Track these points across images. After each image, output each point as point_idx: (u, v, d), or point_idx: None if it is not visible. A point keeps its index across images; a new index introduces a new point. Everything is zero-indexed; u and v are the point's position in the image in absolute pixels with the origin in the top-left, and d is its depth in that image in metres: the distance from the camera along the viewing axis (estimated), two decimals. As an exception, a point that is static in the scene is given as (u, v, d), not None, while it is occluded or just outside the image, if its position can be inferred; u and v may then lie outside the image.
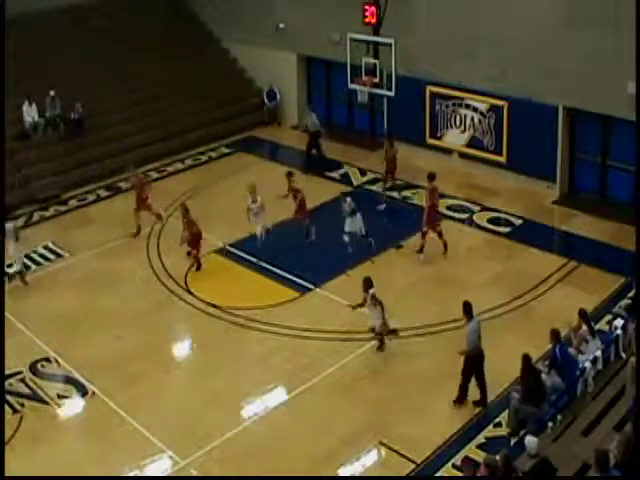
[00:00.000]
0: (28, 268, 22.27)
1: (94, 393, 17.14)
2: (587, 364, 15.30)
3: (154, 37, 33.20)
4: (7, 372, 17.67)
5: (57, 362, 18.22)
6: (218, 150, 30.02)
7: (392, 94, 25.47)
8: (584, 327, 15.92)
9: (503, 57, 24.60)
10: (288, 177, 23.03)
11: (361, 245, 21.54)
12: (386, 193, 25.32)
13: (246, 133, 31.26)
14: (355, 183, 26.60)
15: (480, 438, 15.22)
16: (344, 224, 21.79)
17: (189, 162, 29.22)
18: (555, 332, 15.33)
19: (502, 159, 25.88)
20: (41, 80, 28.84)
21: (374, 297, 17.47)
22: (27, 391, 17.37)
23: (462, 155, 27.08)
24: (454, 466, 14.63)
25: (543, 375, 15.25)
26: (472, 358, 15.81)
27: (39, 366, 18.15)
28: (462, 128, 26.90)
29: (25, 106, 28.25)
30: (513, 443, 14.71)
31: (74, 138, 28.52)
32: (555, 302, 19.15)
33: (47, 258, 22.95)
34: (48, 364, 18.24)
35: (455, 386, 16.15)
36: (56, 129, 28.80)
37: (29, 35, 29.74)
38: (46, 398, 17.16)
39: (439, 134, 27.55)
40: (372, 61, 25.78)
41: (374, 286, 17.57)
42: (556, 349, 15.23)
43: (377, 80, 25.71)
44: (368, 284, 17.66)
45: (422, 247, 21.37)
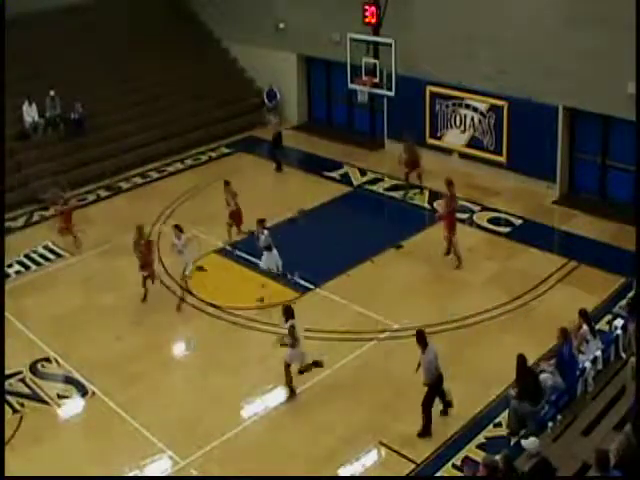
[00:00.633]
0: (28, 268, 22.31)
1: (94, 393, 17.14)
2: (587, 364, 15.31)
3: (154, 37, 33.22)
4: (7, 372, 17.61)
5: (57, 362, 18.23)
6: (218, 150, 30.05)
7: (392, 94, 25.44)
8: (585, 327, 15.92)
9: (503, 57, 24.61)
10: (225, 187, 22.87)
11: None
12: (409, 194, 25.34)
13: (246, 133, 31.27)
14: (355, 183, 26.60)
15: (480, 438, 15.21)
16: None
17: (189, 162, 29.24)
18: (564, 331, 15.33)
19: (502, 159, 25.88)
20: (41, 80, 28.87)
21: (293, 329, 16.32)
22: (27, 391, 17.37)
23: (462, 155, 27.07)
24: (454, 466, 14.61)
25: (544, 375, 15.25)
26: (434, 387, 15.32)
27: (39, 366, 18.16)
28: (462, 128, 26.89)
29: (25, 106, 28.26)
30: (513, 443, 14.68)
31: (74, 138, 28.53)
32: (555, 302, 19.15)
33: (47, 258, 22.96)
34: (48, 364, 18.25)
35: (455, 387, 16.16)
36: (56, 129, 28.82)
37: (29, 35, 29.73)
38: (46, 398, 17.17)
39: (439, 134, 27.54)
40: (372, 61, 25.75)
41: (294, 317, 16.46)
42: (564, 348, 15.20)
43: (377, 80, 25.68)
44: (288, 314, 16.48)
45: (449, 249, 21.23)
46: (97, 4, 32.66)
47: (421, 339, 15.26)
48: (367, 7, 26.21)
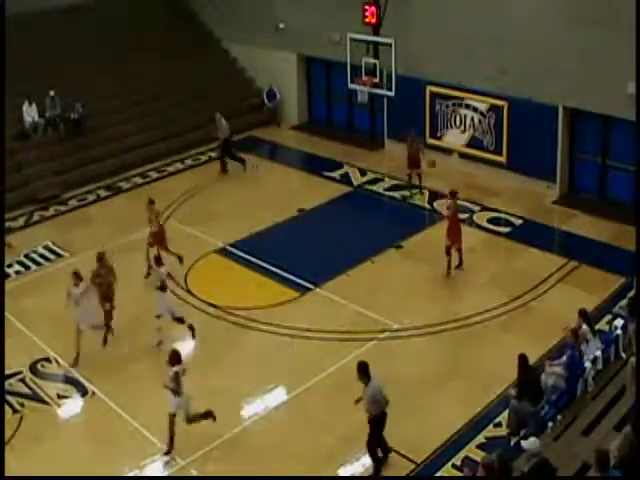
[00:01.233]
0: (28, 268, 22.31)
1: (94, 393, 17.13)
2: (587, 364, 15.30)
3: (154, 37, 33.26)
4: (7, 372, 17.62)
5: (57, 362, 18.20)
6: (218, 150, 29.94)
7: (392, 94, 25.44)
8: (584, 327, 15.91)
9: (503, 57, 24.61)
10: (149, 205, 21.77)
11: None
12: (413, 192, 25.31)
13: (246, 133, 31.25)
14: (355, 183, 26.60)
15: (480, 438, 15.20)
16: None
17: (189, 162, 29.24)
18: (575, 331, 15.34)
19: (502, 159, 25.88)
20: (41, 80, 28.82)
21: (177, 376, 15.17)
22: (27, 391, 17.34)
23: (462, 155, 27.08)
24: (454, 466, 14.60)
25: (544, 376, 15.25)
26: (377, 421, 14.47)
27: (39, 366, 18.13)
28: (462, 128, 26.90)
29: (25, 106, 28.27)
30: (513, 443, 14.67)
31: (74, 138, 28.54)
32: (555, 302, 19.15)
33: (47, 258, 22.95)
34: (48, 364, 18.23)
35: (455, 386, 16.18)
36: (56, 129, 28.82)
37: (29, 35, 29.74)
38: (46, 398, 17.14)
39: (439, 134, 27.54)
40: (372, 61, 25.75)
41: (181, 362, 15.42)
42: (575, 350, 15.18)
43: (377, 80, 25.68)
44: (174, 359, 15.34)
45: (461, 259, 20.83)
46: (97, 4, 32.70)
47: (364, 372, 14.19)
48: (367, 7, 26.22)
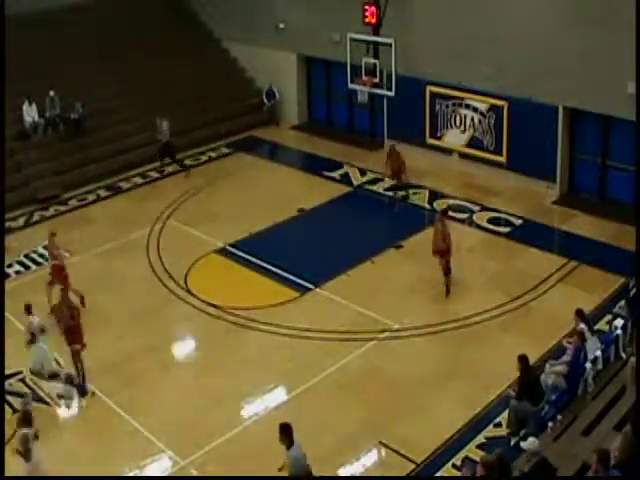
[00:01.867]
0: (28, 268, 22.32)
1: (94, 393, 17.11)
2: (587, 364, 15.30)
3: (154, 37, 33.21)
4: (7, 372, 17.62)
5: (57, 362, 18.13)
6: (218, 150, 30.07)
7: (392, 94, 25.45)
8: (582, 326, 15.90)
9: (503, 57, 24.60)
10: (50, 237, 20.74)
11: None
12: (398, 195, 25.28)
13: (246, 133, 31.29)
14: (355, 183, 26.58)
15: (480, 438, 15.18)
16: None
17: (189, 162, 29.19)
18: (581, 333, 15.34)
19: (502, 159, 25.87)
20: (41, 80, 28.80)
21: (26, 439, 14.15)
22: (27, 391, 17.24)
23: (462, 155, 27.06)
24: (454, 466, 14.58)
25: (544, 375, 15.25)
26: None
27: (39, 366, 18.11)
28: (462, 128, 26.89)
29: (25, 106, 28.26)
30: (513, 443, 14.69)
31: (74, 138, 28.52)
32: (555, 302, 19.15)
33: (47, 258, 22.84)
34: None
35: (455, 386, 16.18)
36: (56, 129, 28.81)
37: (29, 34, 29.74)
38: (46, 398, 17.13)
39: (439, 134, 27.54)
40: (372, 61, 25.76)
41: (32, 425, 14.58)
42: (580, 351, 15.18)
43: (377, 80, 25.68)
44: (22, 422, 14.55)
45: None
46: (97, 4, 32.68)
47: (287, 434, 12.95)
48: (367, 7, 26.23)
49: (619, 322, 16.79)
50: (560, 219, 23.58)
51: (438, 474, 14.48)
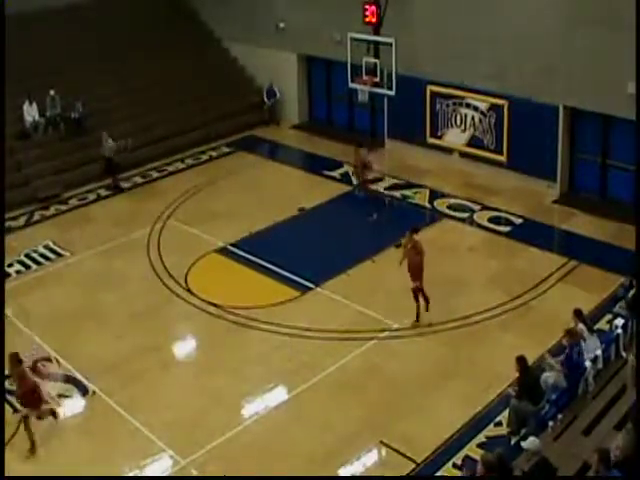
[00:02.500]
0: (28, 268, 22.35)
1: (94, 392, 17.11)
2: (587, 363, 15.29)
3: (154, 36, 33.19)
4: (8, 372, 17.73)
5: (57, 361, 18.15)
6: (219, 149, 30.08)
7: (392, 93, 25.41)
8: (580, 326, 15.90)
9: (503, 57, 24.61)
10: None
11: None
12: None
13: (246, 132, 31.32)
14: (355, 182, 26.57)
15: (481, 437, 15.18)
16: None
17: (190, 161, 29.25)
18: (572, 332, 15.33)
19: (502, 158, 25.88)
20: (41, 79, 28.85)
21: None
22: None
23: (462, 154, 27.08)
24: (454, 465, 14.58)
25: (545, 374, 15.25)
26: None
27: (40, 365, 18.05)
28: (462, 127, 26.91)
29: (25, 105, 28.30)
30: (513, 442, 14.68)
31: (74, 137, 28.53)
32: (555, 301, 19.14)
33: (47, 257, 22.95)
34: (49, 363, 18.08)
35: (456, 385, 16.18)
36: (56, 128, 28.82)
37: (29, 34, 29.77)
38: (46, 398, 16.93)
39: (440, 133, 27.55)
40: (372, 60, 25.72)
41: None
42: (573, 349, 15.17)
43: (378, 79, 25.67)
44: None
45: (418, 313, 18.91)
46: (97, 3, 32.65)
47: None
48: (367, 7, 26.15)
49: (619, 321, 16.81)
50: (560, 218, 23.58)
51: (438, 473, 14.48)
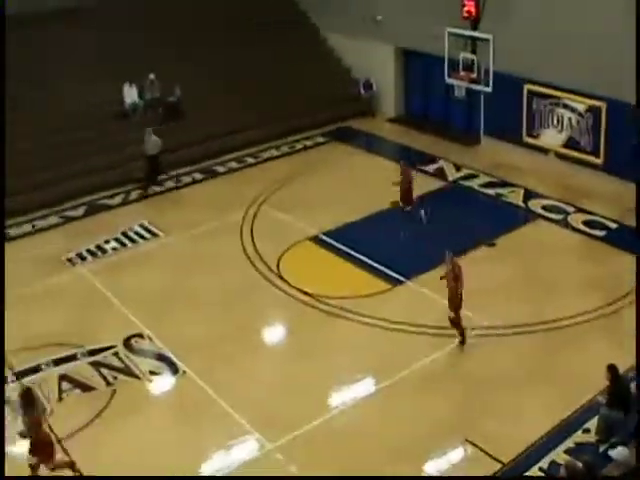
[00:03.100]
0: (124, 245, 22.83)
1: (185, 372, 17.41)
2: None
3: (252, 24, 33.30)
4: (102, 345, 18.27)
5: (150, 339, 18.56)
6: (313, 139, 30.27)
7: (489, 90, 25.29)
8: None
9: (604, 57, 24.02)
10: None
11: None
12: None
13: (341, 123, 31.44)
14: (450, 178, 26.49)
15: (569, 443, 14.95)
16: None
17: (284, 149, 29.51)
18: None
19: (599, 161, 25.44)
20: (141, 64, 29.43)
21: None
22: (120, 365, 17.76)
23: (558, 155, 26.72)
24: (541, 469, 14.41)
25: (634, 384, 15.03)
26: None
27: (133, 342, 18.51)
28: (559, 128, 26.55)
29: (126, 87, 28.89)
30: (602, 451, 14.48)
31: (171, 121, 28.96)
32: (650, 310, 18.79)
33: (142, 236, 23.45)
34: (141, 340, 18.59)
35: (545, 390, 16.02)
36: (154, 111, 29.32)
37: (140, 19, 30.68)
38: (138, 373, 17.51)
39: (536, 133, 27.23)
40: (470, 56, 25.65)
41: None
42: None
43: (475, 76, 25.54)
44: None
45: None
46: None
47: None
48: (466, 2, 26.13)
49: None
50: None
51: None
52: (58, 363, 17.87)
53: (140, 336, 18.70)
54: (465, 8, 26.23)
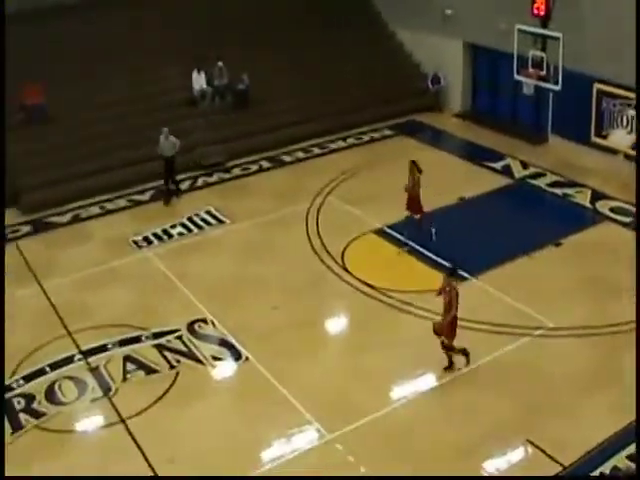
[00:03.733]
0: (190, 231, 23.12)
1: (247, 358, 17.54)
2: None
3: (319, 16, 33.46)
4: (167, 329, 18.55)
5: (213, 324, 18.75)
6: (380, 131, 30.25)
7: (558, 88, 24.99)
8: None
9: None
10: None
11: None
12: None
13: (408, 117, 31.33)
14: (517, 176, 26.27)
15: (631, 449, 14.69)
16: None
17: (351, 141, 29.53)
18: None
19: (669, 164, 25.06)
20: (210, 51, 29.74)
21: None
22: (184, 349, 17.99)
23: (627, 156, 26.33)
24: (601, 474, 14.25)
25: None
26: None
27: (196, 326, 18.72)
28: (628, 129, 26.17)
29: (194, 74, 29.17)
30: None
31: (240, 108, 29.19)
32: None
33: (208, 223, 23.70)
34: (205, 325, 18.79)
35: (610, 394, 15.84)
36: (223, 99, 29.58)
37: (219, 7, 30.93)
38: (201, 358, 17.69)
39: (604, 133, 26.87)
40: (539, 54, 25.35)
41: None
42: None
43: (544, 73, 25.27)
44: None
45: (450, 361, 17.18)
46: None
47: None
48: (536, -1, 25.81)
49: None
50: None
51: (586, 480, 14.27)
52: (123, 344, 18.19)
53: (204, 321, 18.91)
54: (535, 5, 25.89)
